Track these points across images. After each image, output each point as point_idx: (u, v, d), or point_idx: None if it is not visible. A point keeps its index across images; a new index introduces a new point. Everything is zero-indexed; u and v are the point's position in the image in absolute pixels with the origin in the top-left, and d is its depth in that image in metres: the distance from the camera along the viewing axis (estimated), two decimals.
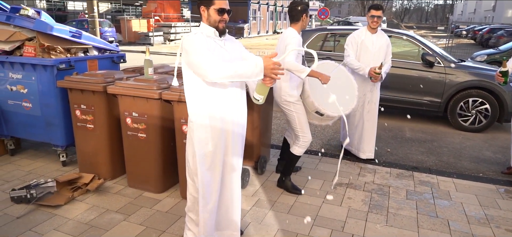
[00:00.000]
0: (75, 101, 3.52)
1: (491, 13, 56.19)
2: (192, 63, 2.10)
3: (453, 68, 5.87)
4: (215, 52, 2.17)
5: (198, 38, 2.14)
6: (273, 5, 38.49)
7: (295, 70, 3.01)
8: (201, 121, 2.22)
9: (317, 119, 3.42)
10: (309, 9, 3.27)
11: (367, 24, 3.99)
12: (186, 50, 2.13)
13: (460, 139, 5.46)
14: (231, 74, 2.03)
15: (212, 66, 2.03)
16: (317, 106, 3.21)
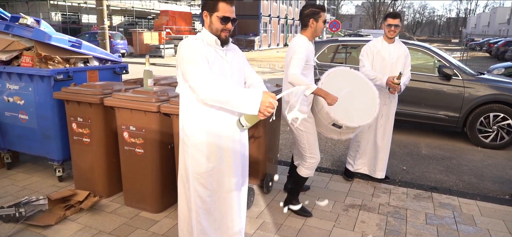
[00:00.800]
0: (72, 113, 3.35)
1: (506, 26, 55.26)
2: (186, 73, 1.90)
3: (472, 81, 5.56)
4: (214, 63, 1.96)
5: (196, 45, 1.93)
6: (284, 18, 38.55)
7: (300, 84, 2.73)
8: (197, 137, 2.00)
9: (335, 133, 3.07)
10: (320, 13, 2.93)
11: (383, 34, 3.76)
12: (182, 57, 1.92)
13: (481, 157, 5.12)
14: (223, 100, 1.80)
15: (205, 83, 1.82)
16: (333, 117, 2.87)
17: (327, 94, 2.75)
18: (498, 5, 70.14)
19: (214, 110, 1.97)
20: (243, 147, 2.17)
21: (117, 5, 30.82)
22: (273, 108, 1.78)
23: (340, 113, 2.88)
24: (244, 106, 1.79)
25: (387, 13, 3.75)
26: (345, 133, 3.06)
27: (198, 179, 2.03)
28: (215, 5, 1.96)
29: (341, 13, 74.35)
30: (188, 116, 2.02)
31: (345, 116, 2.90)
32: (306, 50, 2.84)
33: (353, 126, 2.89)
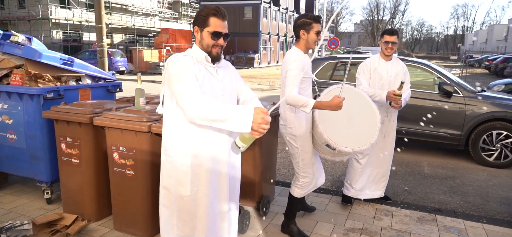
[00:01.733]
0: (61, 133, 3.23)
1: (503, 43, 55.71)
2: (174, 91, 1.79)
3: (474, 99, 5.46)
4: (204, 81, 1.85)
5: (185, 62, 1.82)
6: (283, 36, 38.84)
7: (297, 105, 2.63)
8: (180, 159, 1.87)
9: (329, 153, 2.90)
10: (311, 24, 2.77)
11: (380, 51, 3.66)
12: (169, 74, 1.81)
13: (485, 176, 4.97)
14: (212, 118, 1.70)
15: (193, 102, 1.71)
16: (327, 139, 2.70)
17: (329, 104, 2.57)
18: (495, 22, 70.87)
19: (200, 131, 1.86)
20: (233, 169, 2.04)
21: (118, 23, 31.10)
22: (267, 124, 1.67)
23: (336, 134, 2.72)
24: (235, 124, 1.68)
25: (384, 30, 3.62)
26: (338, 155, 2.89)
27: (182, 203, 1.90)
28: (206, 20, 1.87)
29: (340, 31, 75.06)
30: (172, 136, 1.90)
31: (340, 138, 2.72)
32: (300, 64, 2.71)
33: (346, 150, 2.69)
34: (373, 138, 2.78)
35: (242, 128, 1.68)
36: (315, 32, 2.78)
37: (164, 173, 1.97)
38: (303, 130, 2.88)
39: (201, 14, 1.90)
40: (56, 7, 27.09)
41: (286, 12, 39.06)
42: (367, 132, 2.82)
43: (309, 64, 2.86)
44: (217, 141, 1.90)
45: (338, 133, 2.74)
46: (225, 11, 1.90)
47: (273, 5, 35.19)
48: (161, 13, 36.98)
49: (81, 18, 28.27)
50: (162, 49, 25.06)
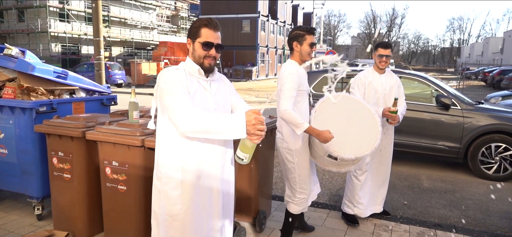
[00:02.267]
0: (53, 147, 3.16)
1: (499, 55, 56.18)
2: (165, 105, 1.75)
3: (472, 111, 5.44)
4: (196, 95, 1.80)
5: (177, 76, 1.78)
6: (281, 48, 39.07)
7: (291, 123, 2.60)
8: (172, 175, 1.82)
9: (334, 165, 2.82)
10: (304, 36, 2.74)
11: (373, 64, 3.57)
12: (161, 88, 1.77)
13: (484, 189, 4.91)
14: (205, 129, 1.66)
15: (185, 116, 1.67)
16: (327, 148, 2.65)
17: (319, 134, 2.58)
18: (490, 35, 71.62)
19: (192, 146, 1.81)
20: (227, 185, 1.98)
21: (117, 36, 31.24)
22: (262, 124, 1.63)
23: (336, 143, 2.65)
24: (229, 132, 1.65)
25: (378, 43, 3.53)
26: (344, 165, 2.83)
27: (171, 221, 1.84)
28: (198, 31, 1.85)
29: (338, 44, 75.65)
30: (164, 152, 1.85)
31: (341, 146, 2.66)
32: (295, 77, 2.67)
33: (349, 158, 2.65)
34: (375, 143, 2.72)
35: (237, 134, 1.65)
36: (309, 44, 2.75)
37: (155, 189, 1.92)
38: (300, 144, 2.83)
39: (194, 25, 1.89)
40: (55, 20, 27.24)
41: (284, 25, 39.37)
42: (369, 137, 2.76)
43: (305, 77, 2.83)
44: (210, 156, 1.85)
45: (339, 141, 2.67)
46: (217, 22, 1.88)
47: (271, 18, 35.47)
48: (160, 26, 37.22)
49: (80, 31, 28.40)
50: (160, 62, 25.13)
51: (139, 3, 33.56)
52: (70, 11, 27.74)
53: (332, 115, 2.77)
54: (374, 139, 2.74)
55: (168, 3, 39.87)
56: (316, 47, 2.97)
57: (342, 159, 2.67)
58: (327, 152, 2.68)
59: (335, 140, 2.66)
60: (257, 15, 32.47)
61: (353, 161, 2.78)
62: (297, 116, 2.61)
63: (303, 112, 2.80)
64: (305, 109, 2.83)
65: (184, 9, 42.02)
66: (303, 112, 2.81)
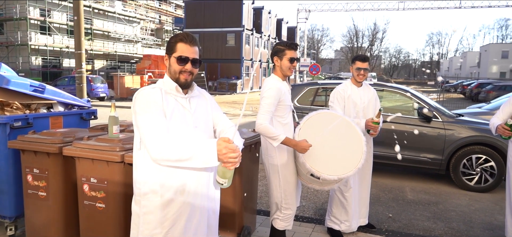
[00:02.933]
0: (28, 164, 3.03)
1: (477, 69, 58.18)
2: (139, 129, 1.70)
3: (453, 123, 5.54)
4: (173, 114, 1.74)
5: (152, 96, 1.73)
6: (265, 62, 39.34)
7: (267, 136, 2.60)
8: (151, 193, 1.75)
9: (316, 183, 2.80)
10: (284, 51, 2.77)
11: (351, 77, 3.55)
12: (135, 110, 1.72)
13: (467, 201, 4.97)
14: (176, 158, 1.63)
15: (157, 142, 1.63)
16: (309, 168, 2.62)
17: (296, 144, 2.58)
18: (467, 50, 74.13)
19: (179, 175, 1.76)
20: (213, 202, 1.92)
21: (100, 49, 30.83)
22: (234, 152, 1.59)
23: (319, 163, 2.63)
24: (200, 161, 1.62)
25: (355, 56, 3.52)
26: (327, 184, 2.80)
27: None
28: (174, 46, 1.81)
29: (321, 57, 76.73)
30: (142, 168, 1.78)
31: (324, 166, 2.63)
32: (275, 92, 2.67)
33: (331, 178, 2.60)
34: (359, 163, 2.68)
35: (208, 163, 1.62)
36: (288, 59, 2.75)
37: (134, 217, 1.85)
38: (285, 159, 2.80)
39: (170, 41, 1.85)
40: (36, 33, 26.70)
41: (268, 39, 39.74)
42: (353, 157, 2.71)
43: (287, 91, 2.82)
44: (195, 175, 1.78)
45: (322, 161, 2.65)
46: (194, 37, 1.83)
47: (255, 32, 35.75)
48: (144, 39, 36.97)
49: (61, 44, 27.91)
50: (144, 75, 24.88)
51: (123, 16, 33.31)
52: (51, 24, 27.28)
53: (316, 134, 2.74)
54: (358, 159, 2.69)
55: (153, 17, 39.75)
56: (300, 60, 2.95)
57: (324, 179, 2.63)
58: (309, 171, 2.65)
59: (318, 159, 2.65)
60: (242, 29, 32.68)
61: (336, 181, 2.74)
62: (273, 129, 2.61)
63: (286, 128, 2.79)
64: (288, 124, 2.82)
65: (169, 23, 41.94)
66: (286, 128, 2.79)
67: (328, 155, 2.71)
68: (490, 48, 54.54)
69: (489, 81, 26.89)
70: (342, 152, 2.75)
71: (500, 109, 3.28)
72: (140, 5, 37.45)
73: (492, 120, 3.29)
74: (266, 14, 38.21)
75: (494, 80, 30.38)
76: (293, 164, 2.85)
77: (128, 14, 34.30)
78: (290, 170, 2.82)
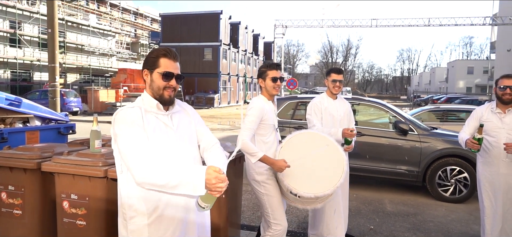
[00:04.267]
0: (2, 181, 2.89)
1: (445, 84, 60.79)
2: (121, 153, 1.65)
3: (427, 136, 5.74)
4: (155, 133, 1.69)
5: (131, 117, 1.67)
6: (242, 76, 39.52)
7: (246, 152, 2.68)
8: (136, 216, 1.70)
9: (298, 202, 2.78)
10: (266, 72, 2.88)
11: (326, 90, 3.62)
12: (115, 133, 1.66)
13: (443, 211, 5.13)
14: (162, 184, 1.57)
15: (141, 166, 1.58)
16: (287, 185, 2.65)
17: (274, 163, 2.65)
18: (435, 66, 77.49)
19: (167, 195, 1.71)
20: (199, 216, 1.87)
21: (73, 63, 30.01)
22: (223, 182, 1.56)
23: (298, 180, 2.66)
24: (187, 188, 1.57)
25: (330, 69, 3.59)
26: (309, 203, 2.77)
27: None
28: (156, 61, 1.75)
29: (297, 72, 77.97)
30: (127, 195, 1.72)
31: (302, 184, 2.64)
32: (258, 111, 2.78)
33: (308, 196, 2.61)
34: (338, 182, 2.67)
35: (195, 192, 1.57)
36: (271, 79, 2.86)
37: (121, 229, 1.80)
38: (265, 174, 2.83)
39: (151, 56, 1.79)
40: (5, 46, 25.71)
41: (245, 54, 40.02)
42: (332, 176, 2.71)
43: (271, 111, 2.88)
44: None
45: (300, 178, 2.67)
46: (176, 52, 1.81)
47: (232, 47, 35.96)
48: (119, 53, 36.34)
49: (32, 57, 26.95)
50: (119, 89, 24.37)
51: (98, 30, 32.69)
52: (22, 37, 26.37)
53: (298, 153, 2.76)
54: (337, 178, 2.70)
55: (128, 30, 39.23)
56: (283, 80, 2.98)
57: (301, 196, 2.65)
58: (288, 189, 2.68)
59: (298, 176, 2.68)
60: (219, 44, 32.80)
61: (316, 199, 2.73)
62: (252, 146, 2.69)
63: (267, 146, 2.85)
64: (270, 143, 2.87)
65: (145, 37, 41.50)
66: (267, 145, 2.86)
67: (308, 173, 2.72)
68: (457, 64, 57.27)
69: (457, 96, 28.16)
70: (322, 171, 2.75)
71: (466, 124, 3.44)
72: (115, 18, 36.91)
73: (460, 135, 3.43)
74: (243, 29, 38.59)
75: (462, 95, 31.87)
76: (274, 179, 2.87)
77: (103, 27, 33.69)
78: (271, 185, 2.85)
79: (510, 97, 3.14)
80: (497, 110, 3.24)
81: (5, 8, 25.08)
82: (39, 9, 26.76)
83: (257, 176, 2.84)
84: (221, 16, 32.87)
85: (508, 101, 3.16)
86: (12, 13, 25.33)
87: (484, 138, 3.18)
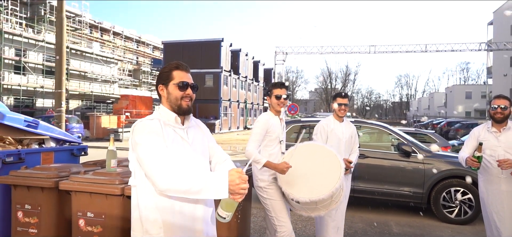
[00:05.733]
0: (19, 200, 2.96)
1: (444, 108, 61.15)
2: (141, 161, 1.69)
3: (430, 158, 5.82)
4: (173, 145, 1.75)
5: (152, 127, 1.73)
6: (243, 102, 39.82)
7: (253, 161, 2.93)
8: (154, 220, 1.75)
9: (301, 209, 2.94)
10: (272, 90, 3.21)
11: (333, 113, 3.84)
12: (135, 142, 1.70)
13: (449, 233, 5.14)
14: (185, 189, 1.61)
15: (163, 173, 1.62)
16: (285, 191, 2.88)
17: (276, 166, 2.91)
18: (434, 91, 78.19)
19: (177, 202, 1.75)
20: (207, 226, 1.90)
21: (75, 89, 30.33)
22: (246, 183, 1.60)
23: (296, 187, 2.85)
24: (211, 192, 1.60)
25: (336, 93, 3.85)
26: (310, 210, 2.93)
27: None
28: (169, 74, 1.84)
29: (297, 98, 78.52)
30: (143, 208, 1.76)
31: (300, 190, 2.84)
32: (263, 125, 3.07)
33: (304, 200, 2.79)
34: (333, 187, 2.81)
35: (219, 194, 1.60)
36: (275, 96, 3.18)
37: None
38: (266, 180, 3.08)
39: (164, 71, 1.87)
40: (10, 72, 26.09)
41: (246, 80, 40.48)
42: (328, 182, 2.87)
43: (277, 124, 3.15)
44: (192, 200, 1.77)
45: (299, 185, 2.88)
46: (186, 64, 1.89)
47: (233, 74, 36.42)
48: (121, 80, 36.78)
49: (36, 84, 27.29)
50: (121, 115, 24.53)
51: (101, 57, 33.24)
52: (27, 64, 26.80)
53: (298, 162, 2.97)
54: (333, 184, 2.84)
55: (130, 58, 39.84)
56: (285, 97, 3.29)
57: (297, 200, 2.85)
58: (287, 195, 2.92)
59: (296, 183, 2.89)
60: (220, 70, 33.25)
61: (316, 205, 2.86)
62: (257, 154, 2.97)
63: (273, 157, 3.09)
64: (275, 154, 3.12)
65: (146, 64, 42.10)
66: (273, 157, 3.10)
67: (306, 179, 2.93)
68: (455, 89, 57.83)
69: (457, 120, 28.28)
70: (319, 178, 2.94)
71: (465, 144, 3.58)
72: (117, 46, 37.58)
73: (460, 154, 3.56)
74: (244, 56, 39.18)
75: (462, 119, 32.04)
76: (276, 185, 3.08)
77: (106, 55, 34.26)
78: (273, 189, 3.09)
79: (501, 116, 3.30)
80: (493, 129, 3.38)
81: (11, 36, 25.61)
82: (44, 38, 27.31)
83: (260, 182, 3.10)
84: (222, 44, 33.49)
85: (500, 120, 3.32)
86: (18, 41, 25.84)
87: (483, 156, 3.28)
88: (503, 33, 32.39)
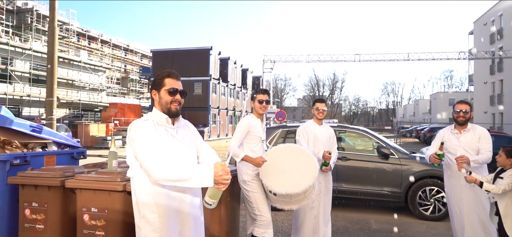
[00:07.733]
0: (26, 198, 3.22)
1: (428, 115, 62.60)
2: (137, 155, 1.99)
3: (407, 159, 6.23)
4: (165, 142, 2.06)
5: (146, 126, 2.04)
6: (232, 110, 40.13)
7: (233, 155, 3.36)
8: (150, 204, 2.05)
9: (277, 201, 3.41)
10: (255, 95, 3.62)
11: (313, 117, 4.27)
12: (132, 139, 2.02)
13: (425, 228, 5.54)
14: (176, 178, 1.91)
15: (157, 165, 1.92)
16: (265, 183, 3.30)
17: (253, 160, 3.34)
18: (419, 98, 79.92)
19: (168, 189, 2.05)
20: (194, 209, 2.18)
21: (63, 98, 30.16)
22: (228, 174, 1.92)
23: (275, 181, 3.27)
24: (198, 181, 1.90)
25: (315, 99, 4.35)
26: (285, 202, 3.37)
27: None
28: (162, 81, 2.15)
29: (285, 106, 79.17)
30: (142, 195, 2.05)
31: (278, 184, 3.25)
32: (245, 125, 3.51)
33: (280, 192, 3.21)
34: (307, 184, 3.26)
35: (205, 183, 1.91)
36: (258, 101, 3.60)
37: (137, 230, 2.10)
38: (250, 174, 3.46)
39: (157, 78, 2.19)
40: None
41: (234, 88, 40.85)
42: (303, 179, 3.31)
43: (258, 125, 3.57)
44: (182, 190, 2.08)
45: (279, 179, 3.29)
46: (177, 73, 2.21)
47: (222, 81, 36.76)
48: (109, 88, 36.68)
49: (22, 93, 27.08)
50: (109, 123, 24.56)
51: (88, 65, 33.16)
52: (13, 72, 26.61)
53: (277, 161, 3.41)
54: (307, 182, 3.30)
55: (118, 66, 39.80)
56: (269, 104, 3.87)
57: (275, 192, 3.27)
58: (266, 187, 3.33)
59: (275, 177, 3.31)
60: (209, 78, 33.55)
61: (290, 198, 3.31)
62: (237, 149, 3.41)
63: (256, 154, 3.49)
64: (257, 151, 3.53)
65: (134, 72, 42.09)
66: (256, 154, 3.49)
67: (284, 175, 3.35)
68: (439, 97, 59.35)
69: (440, 126, 29.12)
70: (296, 175, 3.37)
71: (432, 144, 4.05)
72: (105, 54, 37.53)
73: (427, 153, 3.97)
74: (232, 64, 39.58)
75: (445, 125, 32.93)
76: (258, 180, 3.48)
77: (94, 63, 34.20)
78: (256, 183, 3.48)
79: (463, 118, 3.73)
80: (455, 131, 3.81)
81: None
82: (31, 46, 27.18)
83: (245, 176, 3.48)
84: (211, 52, 33.84)
85: (462, 122, 3.74)
86: (5, 49, 25.66)
87: (446, 155, 3.70)
88: (483, 43, 33.67)
